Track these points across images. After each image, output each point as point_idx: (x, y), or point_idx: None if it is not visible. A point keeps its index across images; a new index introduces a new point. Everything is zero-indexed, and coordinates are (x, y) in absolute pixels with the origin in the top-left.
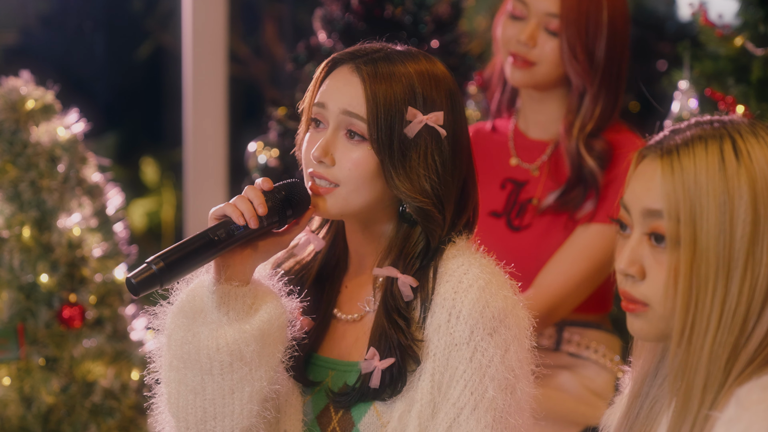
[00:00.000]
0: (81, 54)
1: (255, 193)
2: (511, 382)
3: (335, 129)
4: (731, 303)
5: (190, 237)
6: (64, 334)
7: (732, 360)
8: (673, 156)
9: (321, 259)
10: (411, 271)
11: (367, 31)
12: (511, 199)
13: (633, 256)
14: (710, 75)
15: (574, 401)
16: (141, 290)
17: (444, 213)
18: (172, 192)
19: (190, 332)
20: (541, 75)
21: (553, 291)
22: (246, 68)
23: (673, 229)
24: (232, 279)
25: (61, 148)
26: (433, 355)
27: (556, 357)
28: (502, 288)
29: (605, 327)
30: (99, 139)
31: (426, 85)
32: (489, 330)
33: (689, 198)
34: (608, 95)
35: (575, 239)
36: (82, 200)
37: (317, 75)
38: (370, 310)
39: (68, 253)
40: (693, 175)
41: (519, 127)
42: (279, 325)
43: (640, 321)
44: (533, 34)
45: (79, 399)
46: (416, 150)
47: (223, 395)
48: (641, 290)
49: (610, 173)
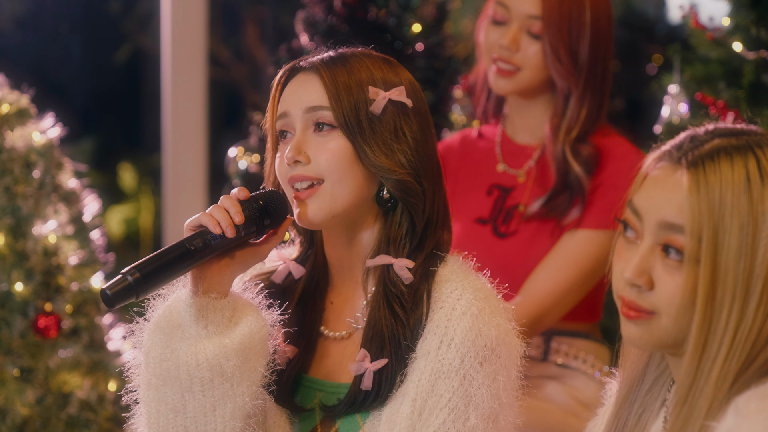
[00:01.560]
0: (57, 57)
1: (231, 202)
2: (495, 411)
3: (303, 129)
4: (745, 328)
5: (166, 247)
6: (39, 344)
7: (740, 375)
8: (699, 171)
9: (303, 282)
10: (403, 253)
11: (350, 33)
12: (498, 205)
13: (642, 266)
14: (701, 79)
15: (562, 413)
16: (116, 302)
17: (423, 185)
18: (150, 198)
19: (168, 349)
20: (525, 80)
21: (540, 299)
22: (226, 71)
23: (694, 247)
24: (210, 291)
25: (36, 153)
26: (418, 380)
27: (543, 367)
28: (495, 315)
29: (594, 337)
30: (75, 144)
31: (383, 70)
32: (480, 359)
33: (713, 218)
34: (593, 97)
35: (562, 246)
36: (58, 207)
37: (273, 94)
38: (359, 327)
39: (44, 260)
40: (718, 193)
41: (506, 132)
42: (260, 339)
43: (640, 329)
44: (516, 38)
45: (54, 411)
46: (386, 126)
47: (204, 413)
48: (649, 300)
49: (596, 178)
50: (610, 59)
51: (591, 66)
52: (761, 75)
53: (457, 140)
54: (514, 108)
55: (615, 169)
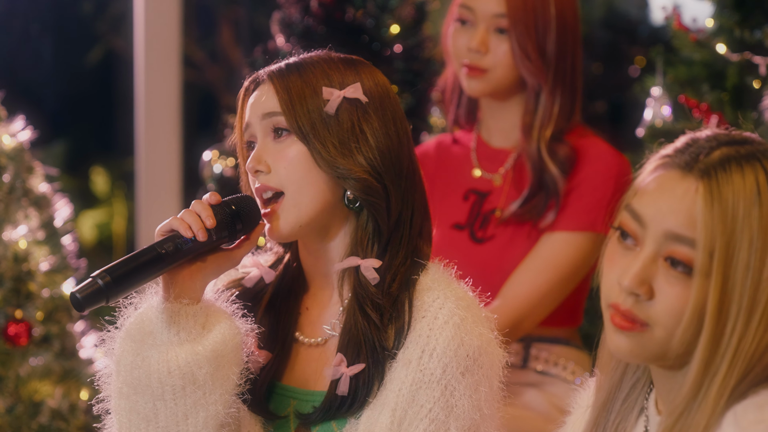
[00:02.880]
0: (27, 58)
1: (202, 206)
2: (476, 422)
3: (263, 137)
4: (748, 340)
5: (137, 251)
6: (9, 351)
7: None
8: (713, 182)
9: (272, 287)
10: (372, 254)
11: (327, 34)
12: (474, 210)
13: (643, 276)
14: (684, 81)
15: (541, 420)
16: (86, 305)
17: (384, 183)
18: (123, 203)
19: (140, 356)
20: (496, 80)
21: (518, 303)
22: (201, 73)
23: (705, 262)
24: (182, 296)
25: (6, 156)
26: (398, 390)
27: (523, 374)
28: (477, 324)
29: (574, 343)
30: (46, 147)
31: (340, 71)
32: (462, 369)
33: (726, 232)
34: (565, 92)
35: (539, 249)
36: (28, 212)
37: (239, 108)
38: (335, 334)
39: (14, 266)
40: (731, 206)
41: (481, 136)
42: (233, 346)
43: (631, 341)
44: (484, 40)
45: (25, 420)
46: (342, 125)
47: (176, 422)
48: (646, 311)
49: (573, 180)
50: (578, 53)
51: (559, 60)
52: (745, 77)
53: (432, 146)
54: (487, 111)
55: (592, 170)
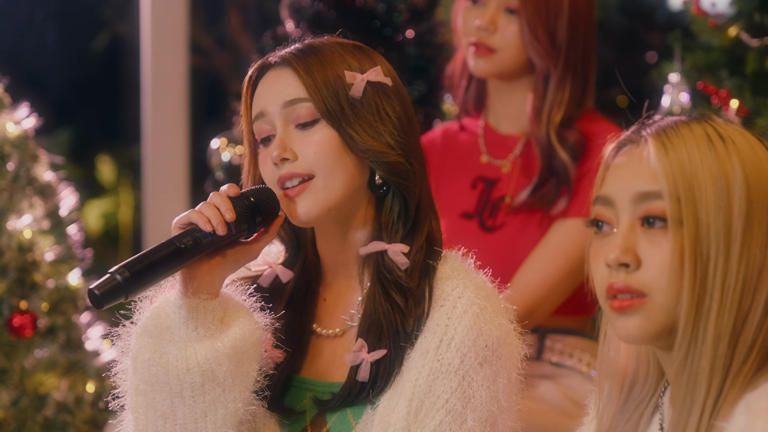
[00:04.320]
0: (32, 44)
1: (221, 199)
2: (494, 415)
3: (284, 125)
4: (730, 281)
5: (155, 246)
6: (14, 343)
7: (732, 343)
8: (663, 136)
9: (291, 286)
10: (396, 238)
11: (338, 20)
12: (483, 198)
13: (626, 245)
14: (702, 67)
15: (556, 413)
16: (105, 302)
17: (413, 164)
18: (129, 192)
19: (157, 353)
20: (504, 61)
21: (530, 291)
22: (209, 60)
23: (674, 208)
24: (200, 292)
25: (10, 144)
26: (415, 379)
27: (537, 366)
28: (497, 315)
29: (589, 334)
30: (51, 135)
31: (354, 53)
32: (480, 359)
33: (687, 176)
34: (575, 79)
35: (551, 237)
36: (33, 201)
37: (245, 95)
38: (354, 324)
39: (18, 257)
40: (686, 153)
41: (489, 122)
42: (253, 342)
43: (636, 318)
44: (493, 18)
45: (30, 413)
46: (368, 108)
47: (195, 419)
48: (639, 279)
49: (583, 165)
50: (591, 40)
51: (570, 46)
52: (765, 63)
53: (438, 134)
54: (495, 96)
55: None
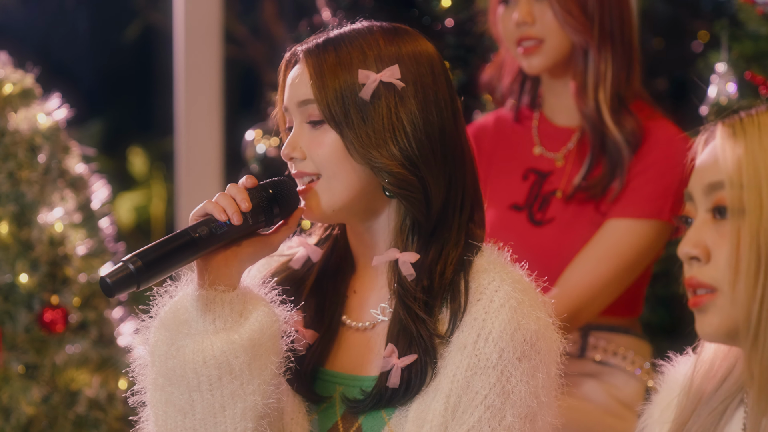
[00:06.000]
0: (63, 34)
1: (237, 189)
2: (533, 410)
3: (300, 122)
4: None
5: (170, 235)
6: (45, 339)
7: None
8: (735, 123)
9: (319, 266)
10: (412, 246)
11: (375, 8)
12: (534, 191)
13: (696, 237)
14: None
15: (600, 412)
16: (116, 291)
17: (420, 175)
18: (162, 185)
19: (174, 346)
20: (551, 51)
21: (578, 292)
22: (243, 50)
23: (735, 196)
24: (217, 283)
25: (41, 136)
26: (452, 375)
27: (580, 364)
28: (534, 308)
29: (635, 332)
30: (83, 126)
31: (379, 44)
32: (518, 354)
33: (753, 162)
34: (615, 49)
35: (603, 235)
36: (64, 193)
37: (280, 83)
38: (384, 318)
39: (50, 250)
40: (757, 138)
41: (544, 113)
42: (271, 334)
43: (710, 315)
44: (528, 10)
45: (61, 410)
46: (378, 113)
47: (213, 413)
48: (708, 272)
49: (641, 162)
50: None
51: (603, 13)
52: None
53: (491, 120)
54: (548, 89)
55: (661, 155)
